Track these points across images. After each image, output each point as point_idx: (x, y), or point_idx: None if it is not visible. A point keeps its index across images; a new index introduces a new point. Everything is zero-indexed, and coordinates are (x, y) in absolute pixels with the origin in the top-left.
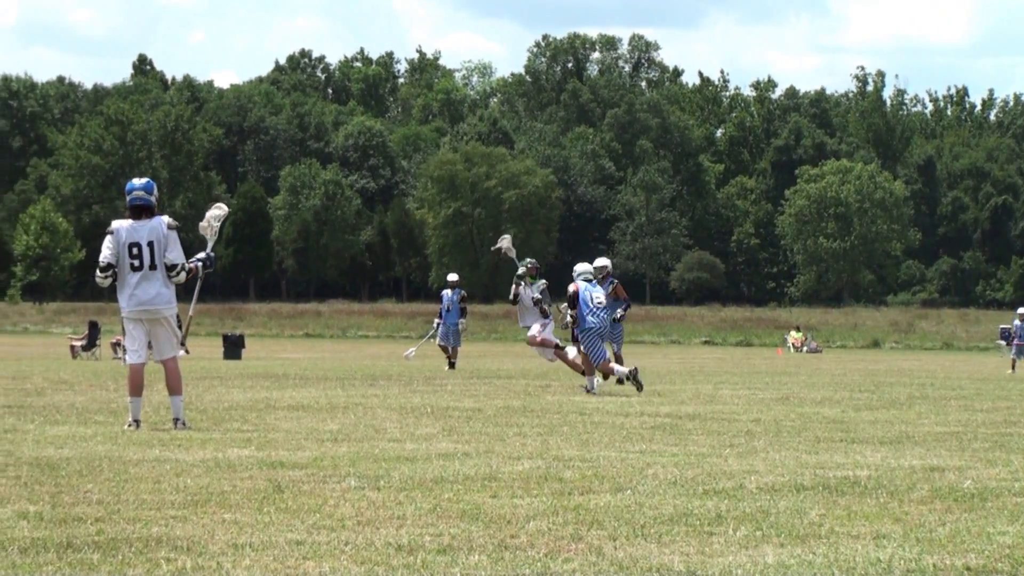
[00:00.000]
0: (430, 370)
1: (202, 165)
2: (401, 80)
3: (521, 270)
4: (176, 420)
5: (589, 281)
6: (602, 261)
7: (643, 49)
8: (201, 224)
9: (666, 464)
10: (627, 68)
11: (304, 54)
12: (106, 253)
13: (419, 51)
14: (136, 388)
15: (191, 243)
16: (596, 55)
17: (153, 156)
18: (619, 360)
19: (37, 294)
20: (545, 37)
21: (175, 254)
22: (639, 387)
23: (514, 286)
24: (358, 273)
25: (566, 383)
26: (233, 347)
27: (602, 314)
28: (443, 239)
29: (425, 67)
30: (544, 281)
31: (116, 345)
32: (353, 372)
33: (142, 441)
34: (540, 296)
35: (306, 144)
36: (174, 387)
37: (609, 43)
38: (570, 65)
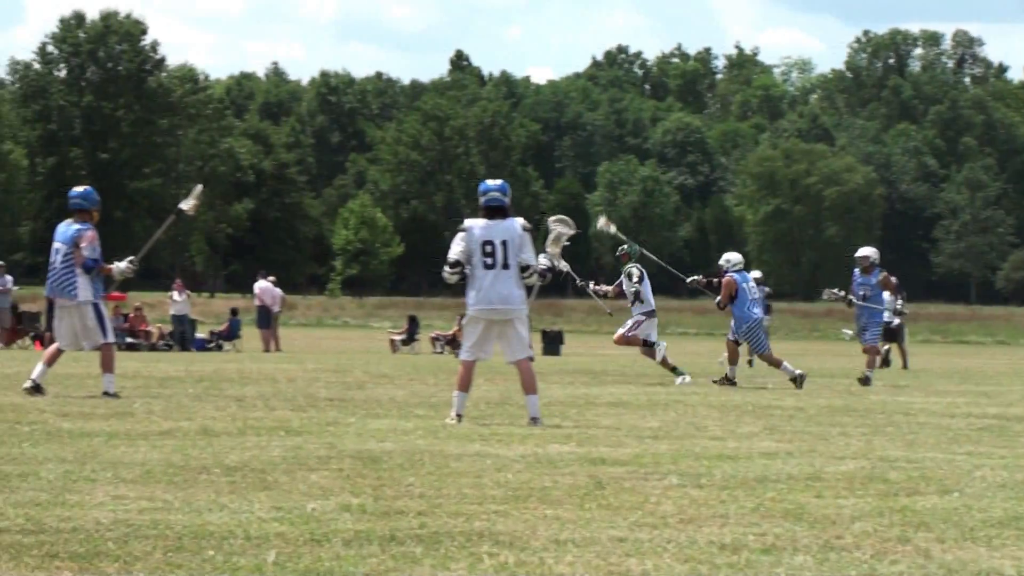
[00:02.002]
0: (747, 370)
1: (519, 160)
2: (719, 76)
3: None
4: (534, 419)
5: (740, 272)
6: (865, 251)
7: (966, 45)
8: (549, 244)
9: (994, 467)
10: (950, 64)
11: (621, 50)
12: (456, 250)
13: (737, 47)
14: (464, 384)
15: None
16: (918, 51)
17: (470, 151)
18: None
19: (356, 288)
20: (866, 33)
21: (528, 255)
22: (799, 383)
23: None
24: (676, 269)
25: (888, 383)
26: (552, 343)
27: (757, 308)
28: (762, 236)
29: (743, 63)
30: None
31: (435, 339)
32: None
33: (462, 436)
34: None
35: (623, 140)
36: (529, 386)
37: (932, 39)
38: (891, 61)
